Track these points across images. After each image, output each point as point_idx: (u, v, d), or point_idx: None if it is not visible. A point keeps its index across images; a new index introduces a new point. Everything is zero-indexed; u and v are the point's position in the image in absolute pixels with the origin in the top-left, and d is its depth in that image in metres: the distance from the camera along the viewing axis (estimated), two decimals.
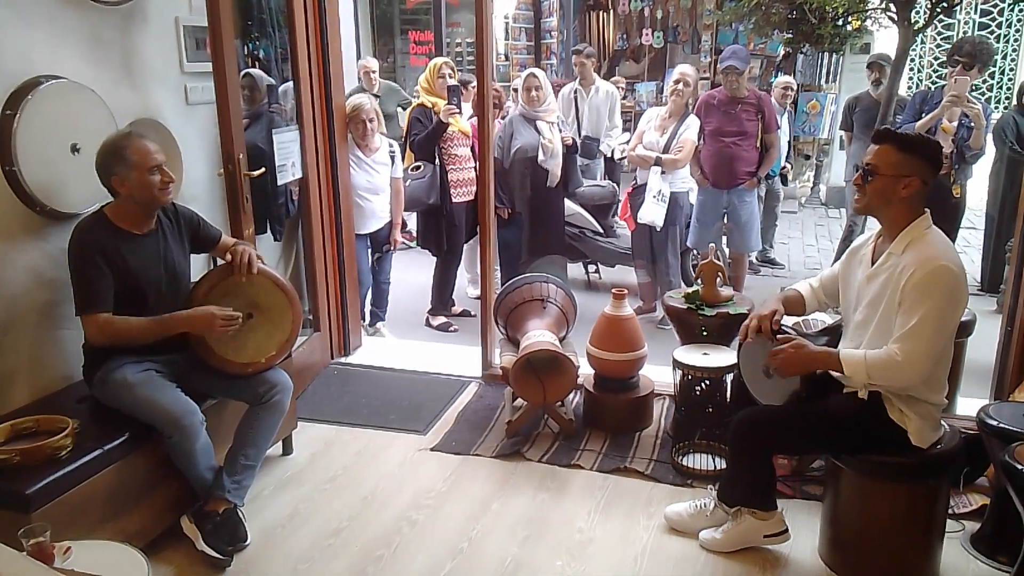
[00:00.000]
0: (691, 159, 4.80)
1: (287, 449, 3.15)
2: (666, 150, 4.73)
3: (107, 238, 2.44)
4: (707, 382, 3.05)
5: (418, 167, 4.74)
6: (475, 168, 4.80)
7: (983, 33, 9.88)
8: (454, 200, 4.79)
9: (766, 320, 2.43)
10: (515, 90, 5.83)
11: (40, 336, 2.61)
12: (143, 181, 2.43)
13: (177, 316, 2.49)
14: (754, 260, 6.36)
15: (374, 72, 7.00)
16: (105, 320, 2.41)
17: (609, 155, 6.21)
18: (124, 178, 2.42)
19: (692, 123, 4.76)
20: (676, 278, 4.88)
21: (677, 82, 4.72)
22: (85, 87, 2.67)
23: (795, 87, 6.73)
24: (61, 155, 2.60)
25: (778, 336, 2.39)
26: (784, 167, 6.60)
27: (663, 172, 4.71)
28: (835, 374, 2.33)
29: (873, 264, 2.29)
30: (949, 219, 4.10)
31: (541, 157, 4.76)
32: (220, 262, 2.76)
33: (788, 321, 2.56)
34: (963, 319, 2.97)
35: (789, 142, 6.61)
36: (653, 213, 4.70)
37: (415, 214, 5.09)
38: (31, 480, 2.10)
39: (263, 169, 3.19)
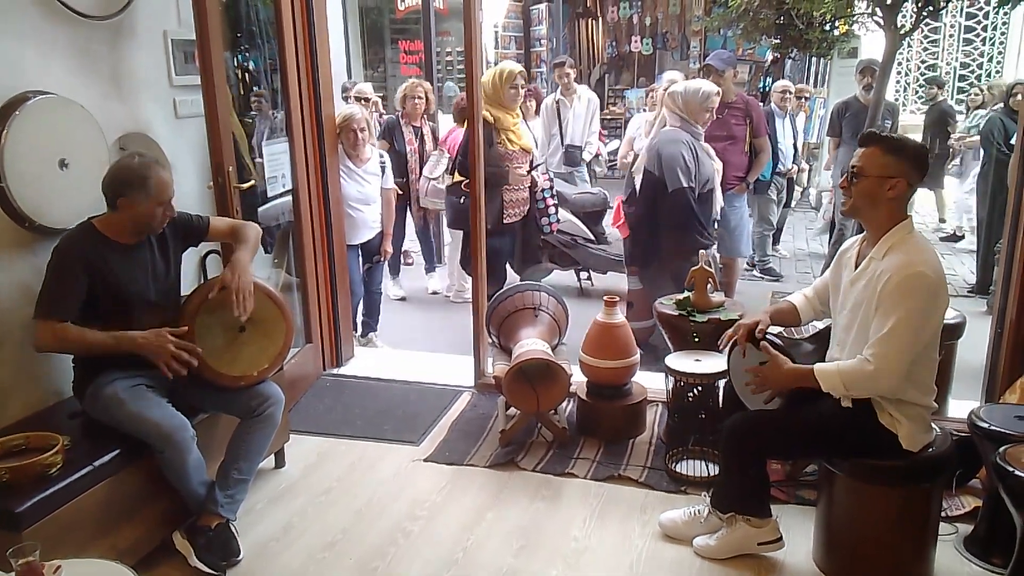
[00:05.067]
0: None
1: (280, 462, 3.13)
2: None
3: (93, 248, 2.43)
4: (699, 388, 3.05)
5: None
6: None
7: (968, 36, 9.95)
8: (504, 222, 4.29)
9: (748, 330, 2.45)
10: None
11: (30, 352, 2.58)
12: (151, 212, 2.45)
13: (131, 335, 2.42)
14: (756, 273, 6.38)
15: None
16: (61, 327, 2.37)
17: (589, 161, 6.24)
18: (134, 202, 2.41)
19: None
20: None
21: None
22: (74, 102, 2.67)
23: (793, 90, 6.66)
24: (49, 170, 2.59)
25: (762, 345, 2.40)
26: (790, 168, 6.50)
27: None
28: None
29: (857, 268, 2.30)
30: None
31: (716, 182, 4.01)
32: (215, 267, 2.75)
33: (776, 328, 2.58)
34: (953, 321, 3.00)
35: (795, 145, 6.55)
36: None
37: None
38: (21, 498, 2.08)
39: (252, 182, 3.19)
